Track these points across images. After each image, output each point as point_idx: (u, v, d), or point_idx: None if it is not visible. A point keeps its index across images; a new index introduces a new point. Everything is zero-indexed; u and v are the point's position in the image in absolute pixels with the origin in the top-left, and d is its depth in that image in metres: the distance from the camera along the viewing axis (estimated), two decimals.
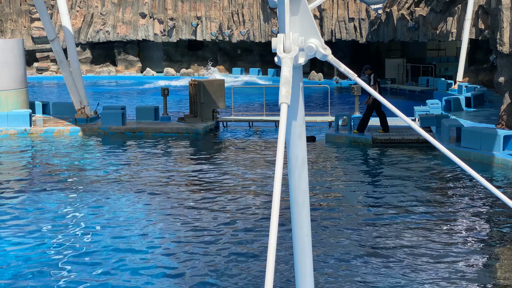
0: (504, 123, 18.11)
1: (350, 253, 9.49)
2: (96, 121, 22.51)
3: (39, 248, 9.94)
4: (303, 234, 4.02)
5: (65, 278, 8.69)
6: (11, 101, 22.57)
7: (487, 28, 30.51)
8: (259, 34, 41.78)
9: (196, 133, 20.91)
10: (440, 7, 33.74)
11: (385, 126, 18.78)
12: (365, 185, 13.96)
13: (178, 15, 44.19)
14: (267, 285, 2.67)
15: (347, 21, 38.18)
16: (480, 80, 31.49)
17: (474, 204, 12.11)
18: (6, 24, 46.78)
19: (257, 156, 17.27)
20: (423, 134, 3.73)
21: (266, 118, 22.91)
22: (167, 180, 14.54)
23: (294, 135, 3.84)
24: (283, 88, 3.23)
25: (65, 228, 10.92)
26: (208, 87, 22.39)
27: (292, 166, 3.91)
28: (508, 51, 18.47)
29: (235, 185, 13.96)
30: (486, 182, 3.62)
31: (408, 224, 10.85)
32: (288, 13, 3.54)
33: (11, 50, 22.82)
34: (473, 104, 25.05)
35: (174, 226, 11.02)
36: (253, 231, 10.60)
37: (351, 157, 17.10)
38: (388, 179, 14.40)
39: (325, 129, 21.26)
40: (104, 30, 45.55)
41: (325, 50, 3.62)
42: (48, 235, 10.56)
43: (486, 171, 14.65)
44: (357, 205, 12.25)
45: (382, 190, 13.38)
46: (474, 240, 10.05)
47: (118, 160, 16.99)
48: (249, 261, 9.25)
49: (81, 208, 12.25)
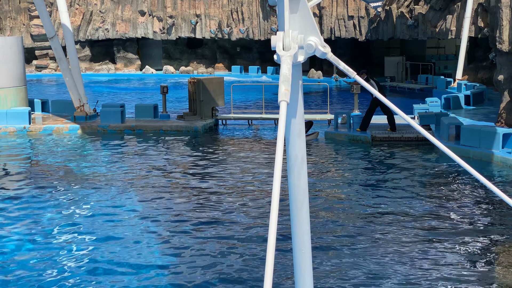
0: (503, 121, 18.12)
1: (349, 251, 9.48)
2: (95, 119, 22.50)
3: (37, 244, 9.93)
4: (303, 232, 4.02)
5: (61, 280, 8.69)
6: (10, 98, 22.55)
7: (486, 26, 30.50)
8: (259, 32, 41.78)
9: (195, 130, 20.91)
10: (440, 5, 33.72)
11: (393, 124, 18.74)
12: (364, 183, 13.95)
13: (178, 12, 44.17)
14: (266, 286, 2.67)
15: (346, 19, 38.18)
16: (479, 78, 31.49)
17: (473, 202, 12.12)
18: (5, 21, 46.74)
19: (256, 154, 17.26)
20: (423, 132, 3.73)
21: (265, 116, 22.90)
22: (166, 177, 14.54)
23: (293, 132, 3.84)
24: (283, 86, 3.23)
25: (62, 227, 10.92)
26: (208, 85, 22.38)
27: (291, 164, 3.91)
28: (507, 49, 18.47)
29: (234, 182, 13.96)
30: (485, 180, 3.62)
31: (406, 222, 10.85)
32: (288, 11, 3.54)
33: (10, 48, 22.80)
34: (472, 102, 25.05)
35: (172, 223, 11.01)
36: (253, 228, 10.60)
37: (350, 155, 17.10)
38: (387, 177, 14.40)
39: (324, 127, 21.26)
40: (103, 28, 45.53)
41: (324, 48, 3.62)
42: (45, 233, 10.56)
43: (485, 169, 14.65)
44: (356, 203, 12.25)
45: (381, 188, 13.38)
46: (473, 238, 10.05)
47: (117, 158, 16.99)
48: (249, 260, 9.24)
49: (80, 206, 12.24)
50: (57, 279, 8.59)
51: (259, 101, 26.77)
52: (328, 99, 23.73)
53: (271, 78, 39.36)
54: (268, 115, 22.94)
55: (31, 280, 8.57)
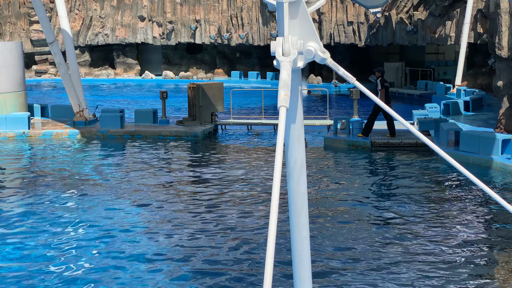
0: (503, 127, 18.13)
1: (348, 257, 9.48)
2: (95, 124, 22.50)
3: (34, 249, 9.92)
4: (302, 237, 4.02)
5: (59, 284, 8.68)
6: (9, 103, 22.56)
7: (485, 32, 30.55)
8: (258, 37, 41.81)
9: (194, 136, 20.91)
10: (439, 11, 33.78)
11: (392, 130, 18.76)
12: (363, 189, 13.95)
13: (177, 18, 44.20)
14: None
15: (346, 25, 38.22)
16: (478, 84, 31.52)
17: (472, 208, 12.12)
18: (5, 26, 46.77)
19: (256, 159, 17.26)
20: (422, 138, 3.73)
21: (264, 122, 22.90)
22: (166, 183, 14.53)
23: (292, 138, 3.84)
24: (282, 91, 3.23)
25: (61, 232, 10.91)
26: (207, 90, 22.39)
27: (291, 169, 3.90)
28: (506, 55, 18.49)
29: (233, 188, 13.95)
30: (484, 186, 3.62)
31: (406, 228, 10.85)
32: (287, 16, 3.54)
33: (10, 53, 22.81)
34: (472, 108, 25.06)
35: (172, 229, 11.00)
36: (253, 233, 10.59)
37: (349, 161, 17.10)
38: (386, 183, 14.40)
39: (323, 132, 21.26)
40: (103, 33, 45.55)
41: (324, 54, 3.62)
42: (44, 238, 10.54)
43: (485, 175, 14.66)
44: (356, 209, 12.24)
45: (380, 194, 13.38)
46: (473, 244, 10.05)
47: (116, 163, 16.98)
48: (248, 266, 9.24)
49: (78, 211, 12.23)
50: (52, 284, 8.58)
51: (259, 106, 26.77)
52: (327, 105, 23.74)
53: (271, 84, 39.36)
54: (268, 121, 22.94)
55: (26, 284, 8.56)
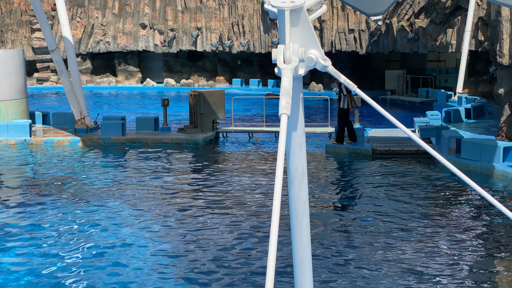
0: (504, 135, 18.12)
1: (348, 264, 9.46)
2: (96, 131, 22.51)
3: (36, 257, 9.91)
4: (303, 244, 4.01)
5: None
6: (11, 111, 22.59)
7: (486, 40, 30.58)
8: (259, 45, 41.87)
9: (196, 143, 20.92)
10: (440, 18, 33.83)
11: (353, 135, 18.98)
12: (364, 196, 13.94)
13: (179, 26, 44.29)
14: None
15: (347, 32, 38.27)
16: (479, 91, 31.53)
17: (474, 216, 12.10)
18: (6, 34, 46.87)
19: (257, 167, 17.26)
20: (423, 145, 3.73)
21: (266, 129, 22.91)
22: (167, 190, 14.53)
23: (294, 145, 3.84)
24: (283, 99, 3.23)
25: (63, 239, 10.90)
26: (208, 97, 22.41)
27: (292, 176, 3.90)
28: (507, 62, 18.51)
29: (235, 195, 13.94)
30: (486, 194, 3.62)
31: (408, 235, 10.83)
32: (288, 24, 3.54)
33: (11, 60, 22.86)
34: (473, 115, 25.07)
35: (174, 235, 10.99)
36: (254, 241, 10.58)
37: (350, 168, 17.10)
38: (387, 190, 14.38)
39: (325, 140, 21.27)
40: (105, 41, 45.65)
41: (325, 61, 3.62)
42: (45, 246, 10.54)
43: (486, 182, 14.65)
44: (356, 216, 12.23)
45: (381, 201, 13.36)
46: (474, 251, 10.03)
47: (117, 171, 16.98)
48: (251, 275, 9.22)
49: (80, 219, 12.22)
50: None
51: (260, 114, 26.79)
52: (329, 112, 23.75)
53: (272, 92, 39.39)
54: (269, 128, 22.95)
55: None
